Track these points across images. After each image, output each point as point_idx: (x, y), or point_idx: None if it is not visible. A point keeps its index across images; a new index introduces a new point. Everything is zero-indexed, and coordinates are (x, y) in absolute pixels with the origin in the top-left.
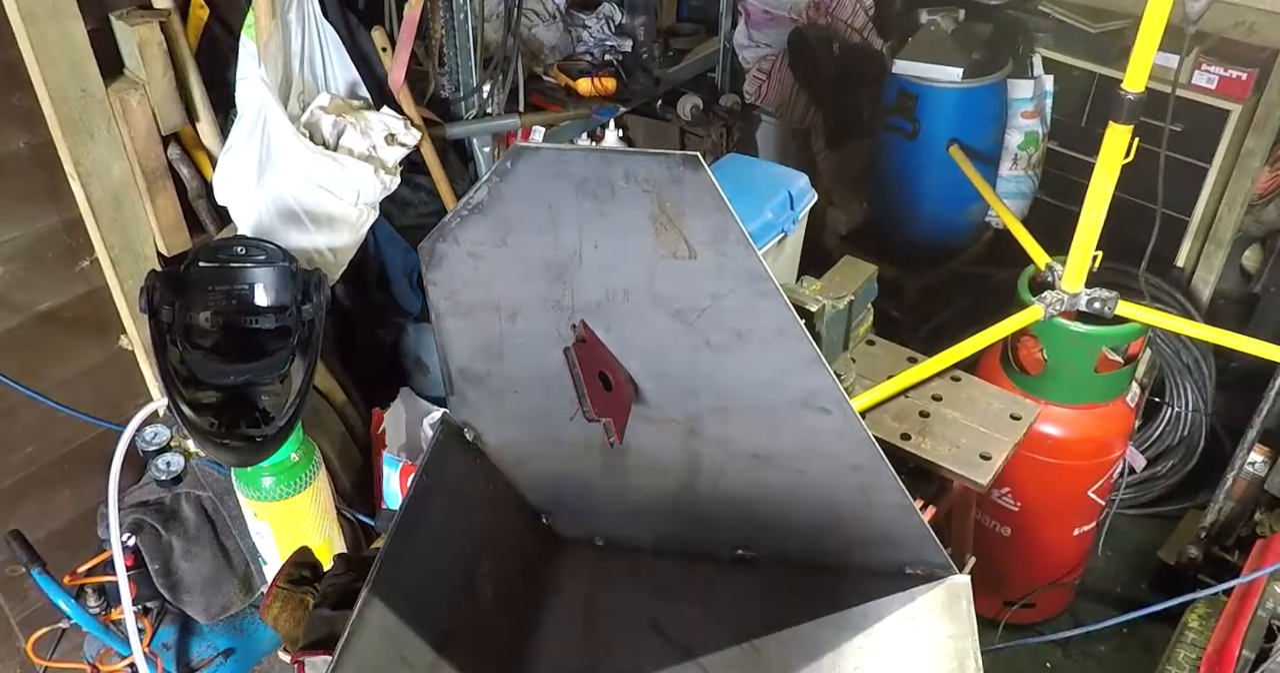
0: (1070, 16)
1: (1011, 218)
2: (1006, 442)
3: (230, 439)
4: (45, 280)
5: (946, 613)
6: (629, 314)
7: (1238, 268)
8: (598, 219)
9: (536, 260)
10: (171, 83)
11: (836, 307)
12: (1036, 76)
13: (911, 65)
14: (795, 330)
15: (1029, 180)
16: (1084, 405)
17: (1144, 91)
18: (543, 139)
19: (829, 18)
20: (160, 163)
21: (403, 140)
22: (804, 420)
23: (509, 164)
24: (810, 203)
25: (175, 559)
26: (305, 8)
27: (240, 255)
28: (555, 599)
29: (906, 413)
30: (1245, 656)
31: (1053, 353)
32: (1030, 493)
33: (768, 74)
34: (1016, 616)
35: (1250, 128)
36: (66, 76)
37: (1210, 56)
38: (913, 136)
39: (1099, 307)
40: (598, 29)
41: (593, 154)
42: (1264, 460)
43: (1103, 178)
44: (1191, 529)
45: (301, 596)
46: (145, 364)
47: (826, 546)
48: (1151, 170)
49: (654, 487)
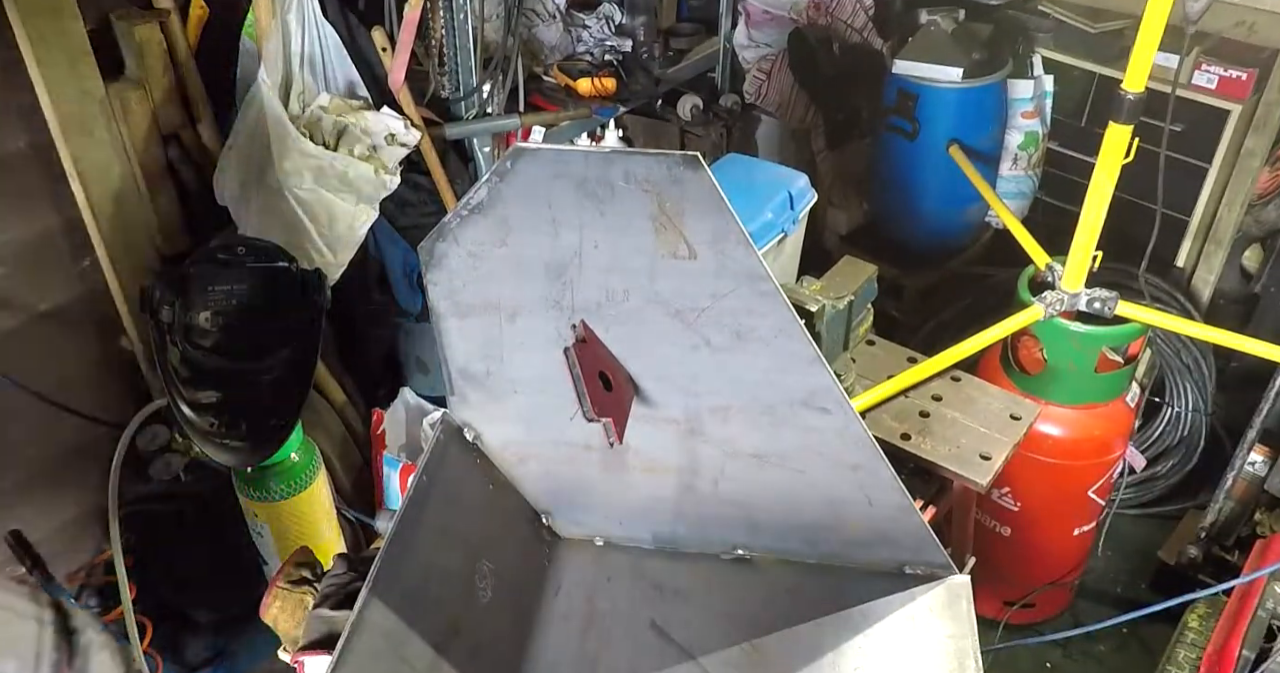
0: (1070, 16)
1: (1011, 218)
2: (1006, 442)
3: (230, 439)
4: (45, 280)
5: (946, 613)
6: (629, 314)
7: (1238, 268)
8: (598, 219)
9: (536, 260)
10: (171, 83)
11: (836, 307)
12: (1036, 76)
13: (911, 65)
14: (795, 330)
15: (1029, 180)
16: (1084, 405)
17: (1144, 91)
18: (543, 139)
19: (829, 18)
20: (160, 163)
21: (403, 140)
22: (804, 420)
23: (509, 164)
24: (810, 203)
25: (175, 559)
26: (305, 8)
27: (240, 255)
28: (555, 599)
29: (906, 413)
30: (1245, 656)
31: (1053, 353)
32: (1030, 493)
33: (768, 74)
34: (1016, 616)
35: (1250, 128)
36: (66, 76)
37: (1210, 56)
38: (913, 137)
39: (1099, 307)
40: (598, 29)
41: (593, 154)
42: (1264, 460)
43: (1103, 178)
44: (1191, 529)
45: (301, 595)
46: (145, 364)
47: (826, 546)
48: (1151, 170)
49: (654, 487)
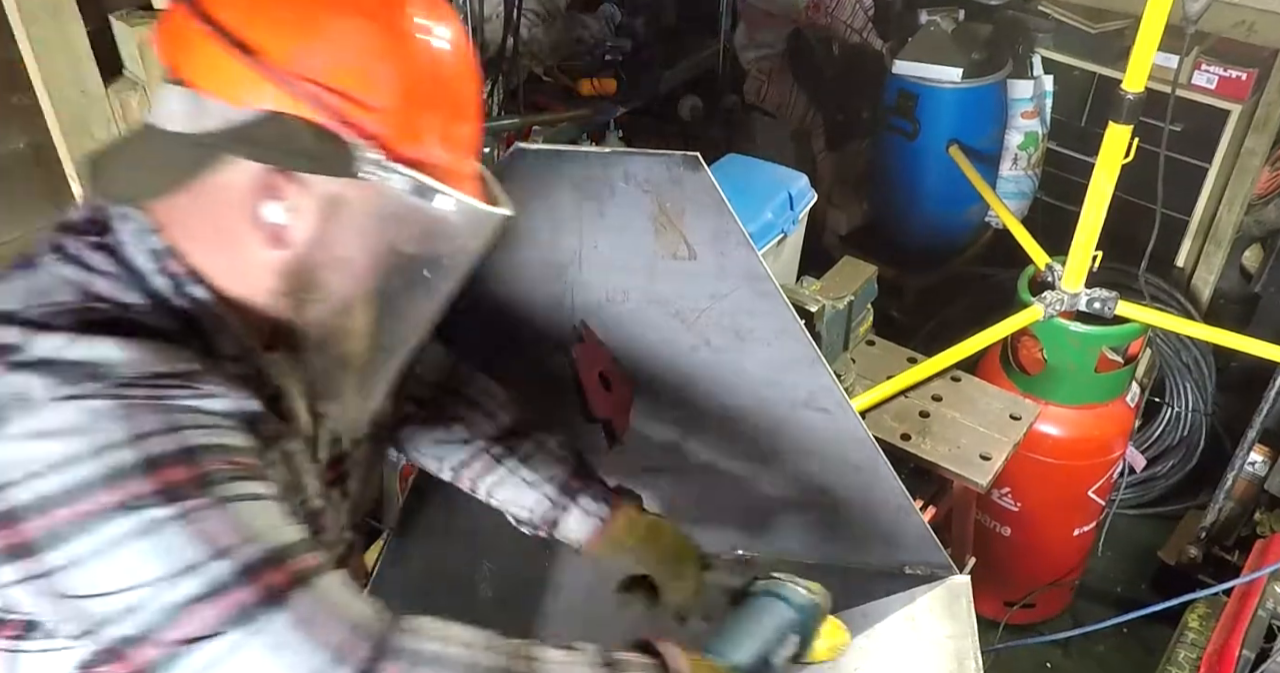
0: (1070, 16)
1: (1011, 218)
2: (1006, 442)
3: None
4: None
5: (946, 613)
6: (629, 314)
7: (1238, 268)
8: (598, 219)
9: (536, 260)
10: None
11: (836, 307)
12: (1036, 76)
13: (911, 66)
14: (795, 331)
15: (1029, 180)
16: (1084, 405)
17: (1143, 91)
18: (542, 139)
19: (829, 18)
20: None
21: None
22: (804, 420)
23: (509, 164)
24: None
25: None
26: None
27: None
28: (555, 599)
29: (906, 413)
30: (1245, 656)
31: (1052, 353)
32: (1030, 493)
33: (768, 74)
34: (1016, 616)
35: (1250, 128)
36: (66, 77)
37: (1210, 56)
38: (913, 137)
39: (1099, 307)
40: (598, 29)
41: (593, 154)
42: (1264, 460)
43: (1102, 178)
44: (1191, 529)
45: None
46: None
47: (826, 546)
48: (1151, 170)
49: (654, 487)
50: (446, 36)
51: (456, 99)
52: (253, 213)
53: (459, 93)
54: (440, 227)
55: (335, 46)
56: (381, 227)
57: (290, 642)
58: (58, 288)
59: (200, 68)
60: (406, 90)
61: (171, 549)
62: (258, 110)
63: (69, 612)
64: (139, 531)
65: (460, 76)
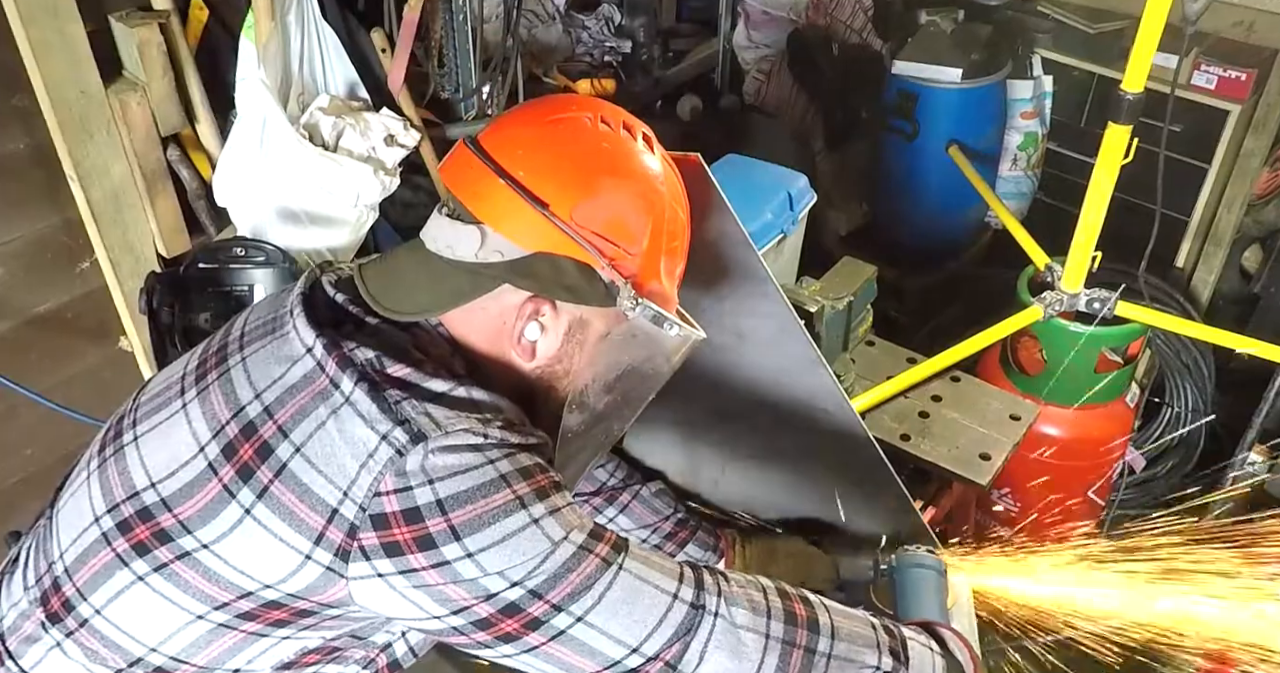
0: (1070, 17)
1: (1011, 218)
2: (1006, 442)
3: None
4: (45, 282)
5: None
6: None
7: (1237, 268)
8: None
9: None
10: (171, 84)
11: (836, 307)
12: (1036, 77)
13: (911, 66)
14: (795, 331)
15: (1028, 181)
16: (1084, 406)
17: (1143, 92)
18: None
19: (829, 18)
20: (160, 164)
21: (402, 141)
22: (804, 421)
23: None
24: (810, 203)
25: None
26: (305, 9)
27: (240, 257)
28: None
29: (906, 413)
30: None
31: (1052, 353)
32: (1030, 493)
33: (768, 74)
34: None
35: (1250, 128)
36: (66, 78)
37: (1210, 56)
38: (912, 137)
39: (1099, 307)
40: (597, 30)
41: None
42: (1264, 461)
43: (1102, 178)
44: None
45: None
46: (145, 365)
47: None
48: (1151, 170)
49: None
50: (678, 190)
51: (683, 242)
52: (516, 330)
53: (683, 237)
54: (661, 345)
55: (608, 203)
56: (613, 344)
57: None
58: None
59: (496, 212)
60: (654, 236)
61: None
62: (536, 251)
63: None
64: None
65: (684, 224)
